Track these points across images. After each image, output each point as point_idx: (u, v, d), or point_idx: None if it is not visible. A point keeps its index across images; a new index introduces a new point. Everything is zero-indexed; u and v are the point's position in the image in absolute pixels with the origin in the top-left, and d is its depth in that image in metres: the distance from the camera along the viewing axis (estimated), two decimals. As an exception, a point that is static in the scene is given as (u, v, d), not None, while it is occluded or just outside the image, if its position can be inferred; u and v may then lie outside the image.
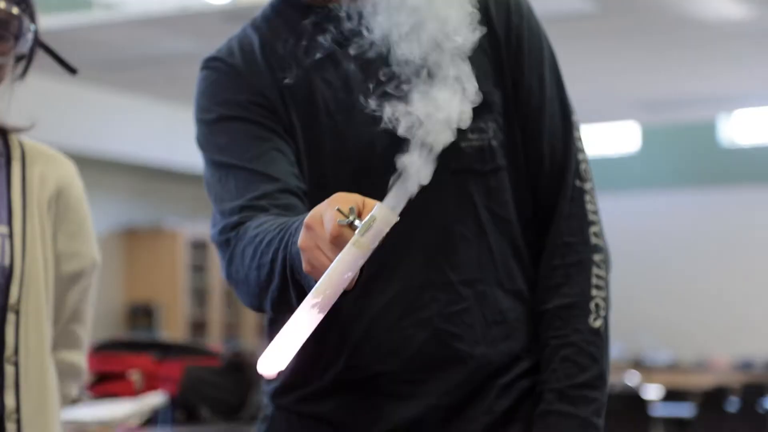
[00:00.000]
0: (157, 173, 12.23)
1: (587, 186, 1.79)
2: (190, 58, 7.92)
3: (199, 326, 12.20)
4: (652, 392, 9.14)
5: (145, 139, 11.40)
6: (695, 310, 13.87)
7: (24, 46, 1.87)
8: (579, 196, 1.77)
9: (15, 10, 1.83)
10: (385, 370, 1.69)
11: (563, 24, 8.22)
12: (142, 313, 11.97)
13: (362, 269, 1.36)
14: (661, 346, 13.44)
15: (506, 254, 1.74)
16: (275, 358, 1.24)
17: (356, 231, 1.24)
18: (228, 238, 1.62)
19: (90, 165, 12.78)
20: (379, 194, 1.43)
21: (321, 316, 1.25)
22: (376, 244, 1.24)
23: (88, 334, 2.05)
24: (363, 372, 1.69)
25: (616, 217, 12.71)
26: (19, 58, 1.89)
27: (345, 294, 1.28)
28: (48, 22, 8.92)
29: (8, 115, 1.93)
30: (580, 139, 1.81)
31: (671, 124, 13.73)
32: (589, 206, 1.78)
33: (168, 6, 8.13)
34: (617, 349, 11.92)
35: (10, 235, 1.89)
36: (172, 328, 11.93)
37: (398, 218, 1.27)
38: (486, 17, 1.76)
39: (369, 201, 1.29)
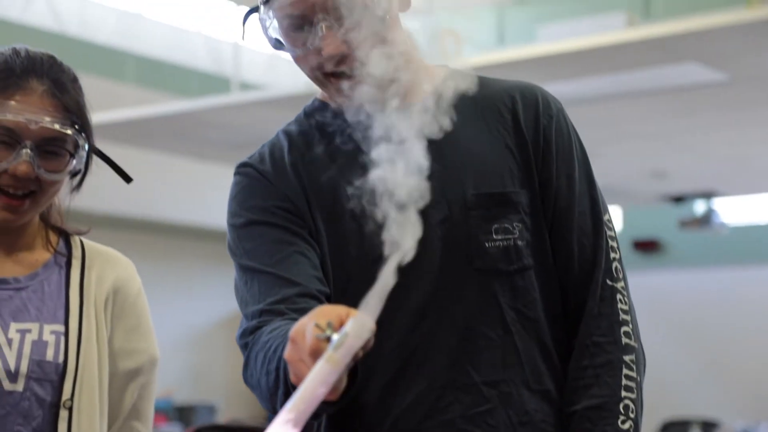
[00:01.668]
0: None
1: (619, 285, 1.78)
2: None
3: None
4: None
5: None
6: None
7: (79, 163, 1.95)
8: (610, 296, 1.76)
9: (70, 131, 1.92)
10: None
11: (695, 93, 8.12)
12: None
13: (356, 372, 1.39)
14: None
15: (533, 354, 1.74)
16: None
17: (330, 346, 1.26)
18: (246, 342, 1.66)
19: (217, 238, 13.11)
20: (405, 293, 1.47)
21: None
22: (348, 359, 1.26)
23: (148, 430, 2.11)
24: None
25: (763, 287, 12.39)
26: (74, 174, 1.98)
27: (329, 404, 1.30)
28: (187, 104, 9.25)
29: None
30: (612, 237, 1.80)
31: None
32: (620, 306, 1.76)
33: (300, 88, 8.33)
34: None
35: (66, 334, 1.96)
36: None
37: (372, 332, 1.29)
38: (514, 118, 1.78)
39: (353, 313, 1.32)
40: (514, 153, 1.77)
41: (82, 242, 2.08)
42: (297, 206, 1.75)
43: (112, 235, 11.91)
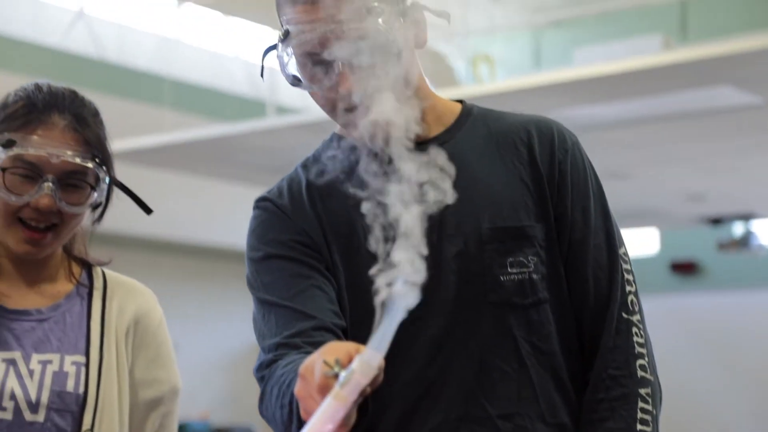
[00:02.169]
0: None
1: (634, 318, 1.77)
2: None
3: None
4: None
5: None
6: None
7: (100, 195, 1.99)
8: (625, 329, 1.76)
9: (90, 164, 1.96)
10: None
11: (731, 116, 8.09)
12: None
13: (367, 408, 1.40)
14: None
15: (548, 387, 1.74)
16: None
17: (337, 383, 1.28)
18: (263, 375, 1.68)
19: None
20: (420, 326, 1.48)
21: None
22: (356, 396, 1.28)
23: None
24: None
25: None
26: (95, 206, 2.01)
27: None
28: (223, 129, 9.30)
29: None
30: (628, 271, 1.80)
31: None
32: (636, 338, 1.76)
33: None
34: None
35: (87, 364, 1.98)
36: None
37: (380, 369, 1.30)
38: (529, 152, 1.79)
39: (361, 350, 1.34)
40: (530, 187, 1.77)
41: (104, 273, 2.11)
42: (314, 240, 1.76)
43: (150, 258, 12.02)
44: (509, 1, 13.69)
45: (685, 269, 14.50)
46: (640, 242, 14.55)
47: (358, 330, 1.71)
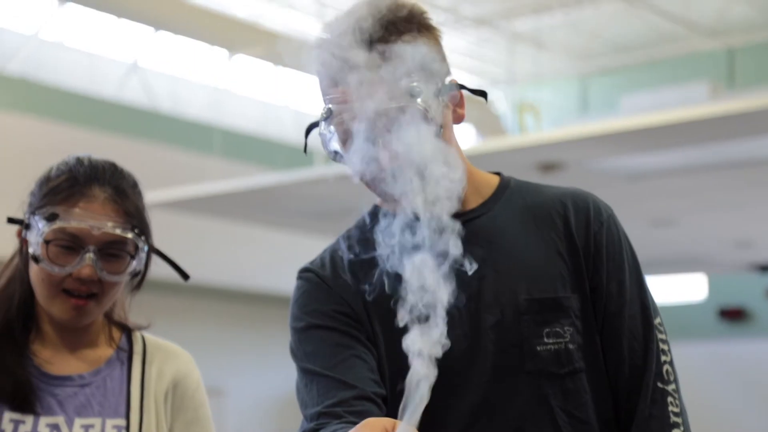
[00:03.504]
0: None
1: (670, 388, 1.80)
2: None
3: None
4: None
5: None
6: None
7: (139, 264, 2.06)
8: (661, 398, 1.78)
9: (130, 234, 2.03)
10: None
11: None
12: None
13: None
14: None
15: None
16: None
17: None
18: None
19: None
20: (459, 395, 1.52)
21: None
22: None
23: None
24: None
25: None
26: (134, 274, 2.09)
27: None
28: (272, 178, 9.37)
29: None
30: (663, 341, 1.83)
31: None
32: (671, 408, 1.78)
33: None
34: None
35: (127, 428, 2.04)
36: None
37: None
38: (565, 224, 1.83)
39: (397, 425, 1.39)
40: (566, 259, 1.81)
41: (143, 337, 2.17)
42: (355, 310, 1.81)
43: (199, 304, 12.09)
44: (555, 47, 13.73)
45: (733, 316, 14.37)
46: (688, 288, 14.46)
47: (399, 399, 1.76)
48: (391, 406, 1.74)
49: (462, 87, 1.78)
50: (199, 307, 11.71)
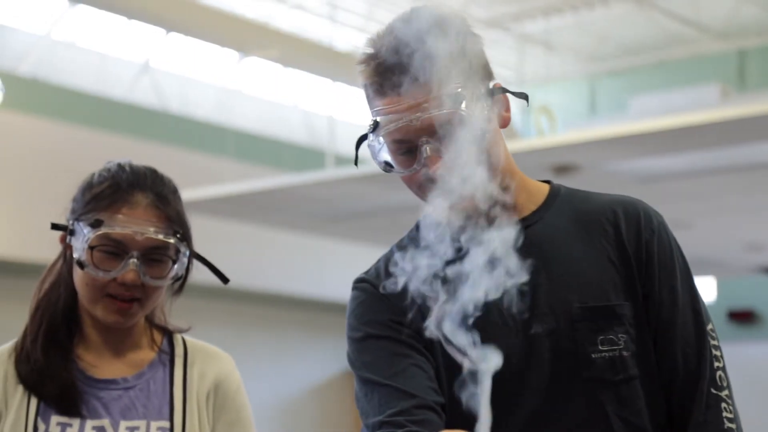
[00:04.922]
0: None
1: (723, 393, 1.81)
2: (405, 210, 8.14)
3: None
4: None
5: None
6: None
7: (180, 268, 2.09)
8: (715, 404, 1.79)
9: (172, 239, 2.07)
10: None
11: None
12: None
13: None
14: None
15: None
16: None
17: None
18: None
19: (310, 307, 13.27)
20: (513, 402, 1.53)
21: None
22: None
23: None
24: None
25: None
26: (176, 279, 2.11)
27: None
28: (283, 180, 9.37)
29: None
30: (716, 347, 1.83)
31: None
32: (725, 414, 1.79)
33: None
34: None
35: (171, 429, 2.07)
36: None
37: None
38: (616, 232, 1.84)
39: None
40: (617, 266, 1.82)
41: (183, 340, 2.20)
42: (412, 320, 1.82)
43: (211, 305, 12.11)
44: (565, 49, 13.75)
45: (742, 318, 14.39)
46: (697, 291, 14.46)
47: (456, 407, 1.76)
48: (449, 414, 1.75)
49: (505, 91, 1.79)
50: (210, 308, 11.73)
